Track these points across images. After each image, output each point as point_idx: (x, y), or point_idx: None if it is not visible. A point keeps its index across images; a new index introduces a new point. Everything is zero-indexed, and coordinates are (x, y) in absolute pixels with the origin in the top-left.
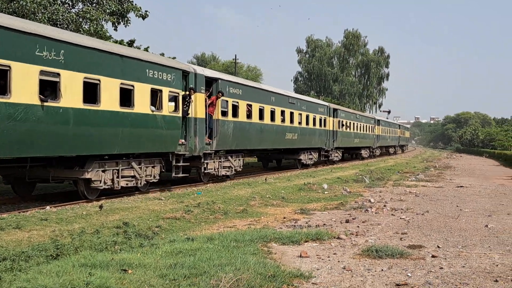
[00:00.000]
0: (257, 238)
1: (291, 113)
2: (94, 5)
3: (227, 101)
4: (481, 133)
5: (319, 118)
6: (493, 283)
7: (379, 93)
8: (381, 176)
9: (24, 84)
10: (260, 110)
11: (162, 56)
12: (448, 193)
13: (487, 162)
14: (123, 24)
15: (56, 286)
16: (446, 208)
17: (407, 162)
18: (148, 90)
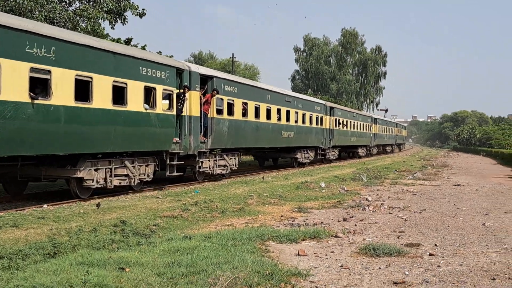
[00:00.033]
0: (255, 237)
1: (287, 112)
2: (91, 3)
3: (222, 99)
4: (478, 132)
5: (316, 117)
6: (491, 281)
7: (377, 92)
8: (379, 175)
9: (14, 82)
10: (256, 108)
11: (156, 54)
12: (446, 192)
13: (484, 161)
14: (121, 23)
15: (54, 285)
16: (444, 207)
17: (404, 161)
18: (142, 88)
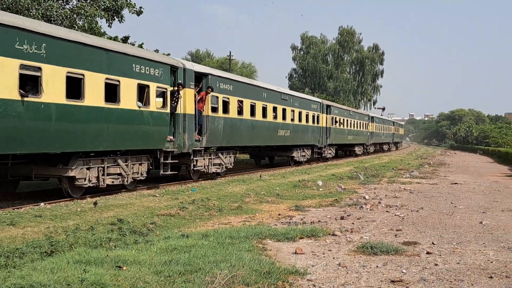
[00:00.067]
0: (252, 235)
1: (284, 110)
2: (89, 1)
3: (217, 97)
4: (475, 130)
5: (312, 115)
6: (488, 280)
7: (374, 90)
8: (376, 173)
9: (3, 79)
10: (252, 106)
11: (150, 51)
12: (443, 190)
13: (481, 159)
14: (118, 21)
15: (51, 283)
16: (441, 205)
17: (402, 159)
18: (135, 85)
